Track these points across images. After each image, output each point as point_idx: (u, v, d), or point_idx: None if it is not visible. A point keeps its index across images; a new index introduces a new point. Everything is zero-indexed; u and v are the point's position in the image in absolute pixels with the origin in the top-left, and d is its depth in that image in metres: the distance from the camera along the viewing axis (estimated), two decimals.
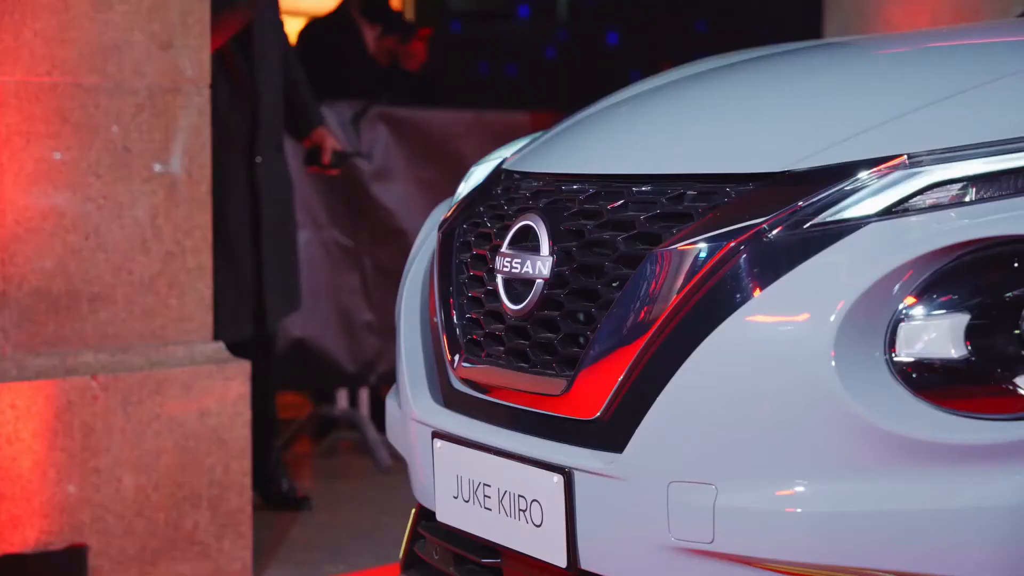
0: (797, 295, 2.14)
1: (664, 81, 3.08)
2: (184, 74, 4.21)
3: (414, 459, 2.77)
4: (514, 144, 3.10)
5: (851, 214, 2.17)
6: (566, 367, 2.39)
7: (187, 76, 4.22)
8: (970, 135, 2.20)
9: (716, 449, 2.17)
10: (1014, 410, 2.03)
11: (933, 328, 2.08)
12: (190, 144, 4.22)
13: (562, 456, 2.35)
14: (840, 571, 2.11)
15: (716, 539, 2.15)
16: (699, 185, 2.34)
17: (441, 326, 2.72)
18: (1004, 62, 2.53)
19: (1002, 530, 2.02)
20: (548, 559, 2.37)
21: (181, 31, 4.20)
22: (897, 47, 3.06)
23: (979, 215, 2.10)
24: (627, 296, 2.29)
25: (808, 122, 2.44)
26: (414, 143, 6.60)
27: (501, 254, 2.53)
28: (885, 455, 2.07)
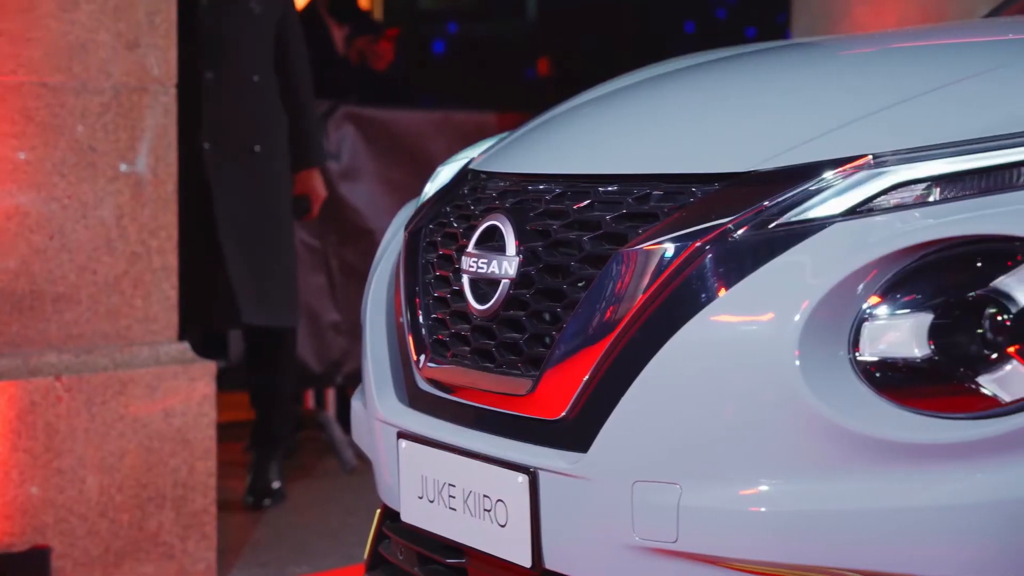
0: (762, 295, 2.14)
1: (631, 81, 3.08)
2: (150, 74, 4.20)
3: (379, 459, 2.76)
4: (481, 144, 3.10)
5: (816, 214, 2.17)
6: (531, 367, 2.39)
7: (153, 76, 4.21)
8: (935, 135, 2.20)
9: (681, 449, 2.17)
10: (977, 409, 2.03)
11: (897, 327, 2.08)
12: (156, 144, 4.21)
13: (527, 456, 2.35)
14: (804, 570, 2.12)
15: (680, 538, 2.15)
16: (665, 185, 2.34)
17: (407, 326, 2.71)
18: (969, 63, 2.53)
19: (965, 528, 2.03)
20: (512, 559, 2.37)
21: (147, 30, 4.18)
22: (863, 48, 3.06)
23: (943, 215, 2.11)
24: (593, 296, 2.29)
25: (774, 122, 2.44)
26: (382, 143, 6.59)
27: (467, 254, 2.53)
28: (849, 454, 2.08)
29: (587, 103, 2.99)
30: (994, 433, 2.02)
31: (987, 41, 2.92)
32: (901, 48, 2.96)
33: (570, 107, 3.03)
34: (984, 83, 2.35)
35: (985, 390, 2.04)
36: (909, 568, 2.06)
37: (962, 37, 3.06)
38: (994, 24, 3.37)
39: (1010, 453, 2.02)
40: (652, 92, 2.89)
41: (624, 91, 2.97)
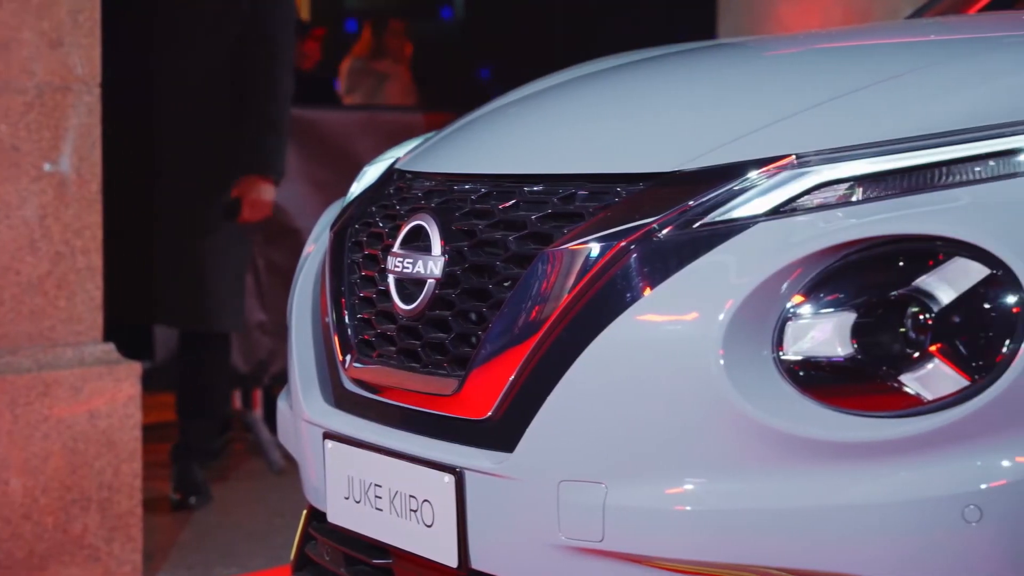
0: (686, 294, 2.15)
1: (557, 81, 3.08)
2: (74, 72, 4.17)
3: (305, 460, 2.75)
4: (407, 144, 3.10)
5: (740, 214, 2.18)
6: (457, 367, 2.39)
7: (77, 75, 4.17)
8: (857, 135, 2.22)
9: (606, 448, 2.18)
10: (899, 407, 2.05)
11: (820, 327, 2.10)
12: (80, 143, 4.18)
13: (453, 456, 2.35)
14: (730, 569, 2.13)
15: (606, 538, 2.16)
16: (590, 185, 2.35)
17: (333, 326, 2.71)
18: (892, 63, 2.55)
19: (889, 526, 2.04)
20: (439, 559, 2.37)
21: (71, 29, 4.15)
22: (788, 48, 3.08)
23: (865, 215, 2.12)
24: (518, 296, 2.29)
25: (699, 122, 2.45)
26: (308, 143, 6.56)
27: (393, 254, 2.52)
28: (773, 453, 2.09)
29: (513, 103, 3.00)
30: (917, 431, 2.03)
31: (910, 42, 2.95)
32: (825, 49, 2.98)
33: (496, 107, 3.03)
34: (906, 84, 2.37)
35: (908, 389, 2.06)
36: (834, 566, 2.08)
37: (886, 38, 3.09)
38: (917, 25, 3.40)
39: (933, 451, 2.04)
40: (578, 92, 2.89)
41: (550, 91, 2.97)
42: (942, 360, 2.04)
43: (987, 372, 2.01)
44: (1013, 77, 2.31)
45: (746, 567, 2.12)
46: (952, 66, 2.44)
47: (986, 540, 2.02)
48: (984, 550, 2.02)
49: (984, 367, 2.01)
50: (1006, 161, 2.15)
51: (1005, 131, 2.17)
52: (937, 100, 2.29)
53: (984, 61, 2.44)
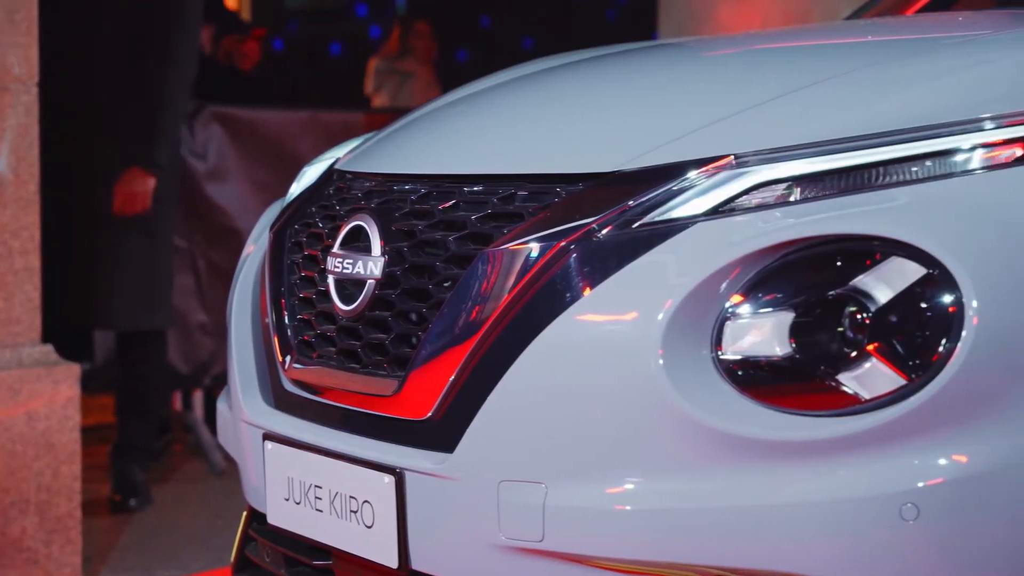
0: (626, 294, 2.15)
1: (497, 81, 3.08)
2: (11, 72, 4.14)
3: (245, 461, 2.74)
4: (347, 144, 3.09)
5: (679, 214, 2.19)
6: (397, 368, 2.38)
7: (14, 74, 4.14)
8: (796, 136, 2.23)
9: (546, 448, 2.18)
10: (837, 406, 2.06)
11: (759, 326, 2.11)
12: (17, 143, 4.14)
13: (393, 457, 2.34)
14: (670, 568, 2.13)
15: (546, 538, 2.16)
16: (530, 185, 2.35)
17: (272, 327, 2.70)
18: (830, 64, 2.57)
19: (827, 525, 2.05)
20: (379, 560, 2.36)
21: (8, 28, 4.12)
22: (727, 49, 3.09)
23: (803, 215, 2.13)
24: (458, 296, 2.29)
25: (639, 122, 2.46)
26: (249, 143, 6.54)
27: (332, 254, 2.52)
28: (712, 452, 2.09)
29: (454, 103, 3.00)
30: (855, 430, 2.05)
31: (848, 43, 2.96)
32: (765, 49, 3.00)
33: (437, 107, 3.03)
34: (845, 84, 2.38)
35: (846, 388, 2.07)
36: (773, 565, 2.08)
37: (824, 39, 3.10)
38: (855, 26, 3.42)
39: (871, 450, 2.05)
40: (519, 92, 2.89)
41: (491, 91, 2.98)
42: (879, 359, 2.05)
43: (924, 371, 2.02)
44: (950, 77, 2.33)
45: (686, 566, 2.12)
46: (890, 67, 2.45)
47: (923, 538, 2.03)
48: (922, 548, 2.04)
49: (921, 366, 2.03)
50: (943, 161, 2.16)
51: (942, 131, 2.18)
52: (875, 100, 2.30)
53: (921, 62, 2.45)
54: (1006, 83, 2.27)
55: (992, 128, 2.17)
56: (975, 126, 2.18)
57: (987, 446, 2.04)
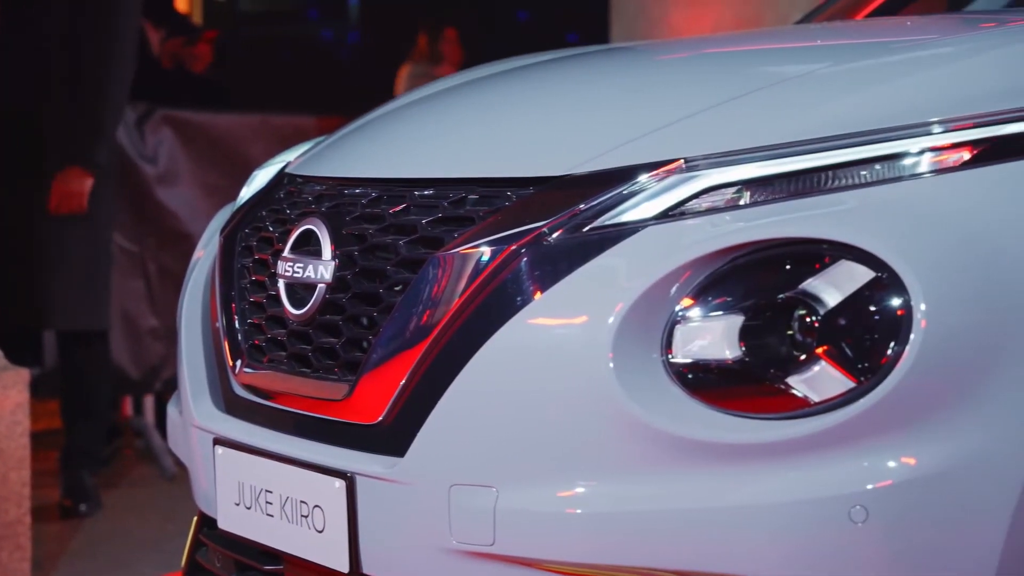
0: (576, 298, 2.16)
1: (448, 85, 3.08)
2: None
3: (195, 466, 2.73)
4: (298, 148, 3.08)
5: (629, 217, 2.19)
6: (348, 372, 2.38)
7: None
8: (746, 140, 2.23)
9: (497, 452, 2.18)
10: (787, 409, 2.06)
11: (709, 329, 2.11)
12: None
13: (344, 461, 2.34)
14: (621, 571, 2.14)
15: (497, 541, 2.16)
16: (481, 189, 2.35)
17: (223, 331, 2.69)
18: (781, 67, 2.58)
19: (777, 527, 2.06)
20: (330, 564, 2.36)
21: None
22: (678, 52, 3.10)
23: (753, 218, 2.14)
24: (409, 300, 2.29)
25: (589, 126, 2.46)
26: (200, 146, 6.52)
27: (283, 259, 2.51)
28: (663, 455, 2.10)
29: (405, 107, 2.99)
30: (804, 433, 2.05)
31: (799, 47, 2.98)
32: (716, 53, 3.00)
33: (388, 111, 3.03)
34: (795, 88, 2.39)
35: (795, 391, 2.07)
36: (723, 567, 2.09)
37: (775, 43, 3.11)
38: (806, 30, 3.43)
39: (820, 452, 2.05)
40: (469, 96, 2.89)
41: (442, 95, 2.97)
42: (828, 362, 2.06)
43: (873, 374, 2.03)
44: (899, 81, 2.34)
45: (636, 570, 2.12)
46: (840, 71, 2.46)
47: (872, 540, 2.04)
48: (870, 550, 2.05)
49: (870, 369, 2.04)
50: (892, 165, 2.17)
51: (891, 135, 2.19)
52: (824, 104, 2.31)
53: (871, 66, 2.47)
54: (954, 87, 2.28)
55: (940, 132, 2.19)
56: (924, 130, 2.19)
57: (936, 448, 2.05)
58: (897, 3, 3.83)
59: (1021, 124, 2.19)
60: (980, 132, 2.18)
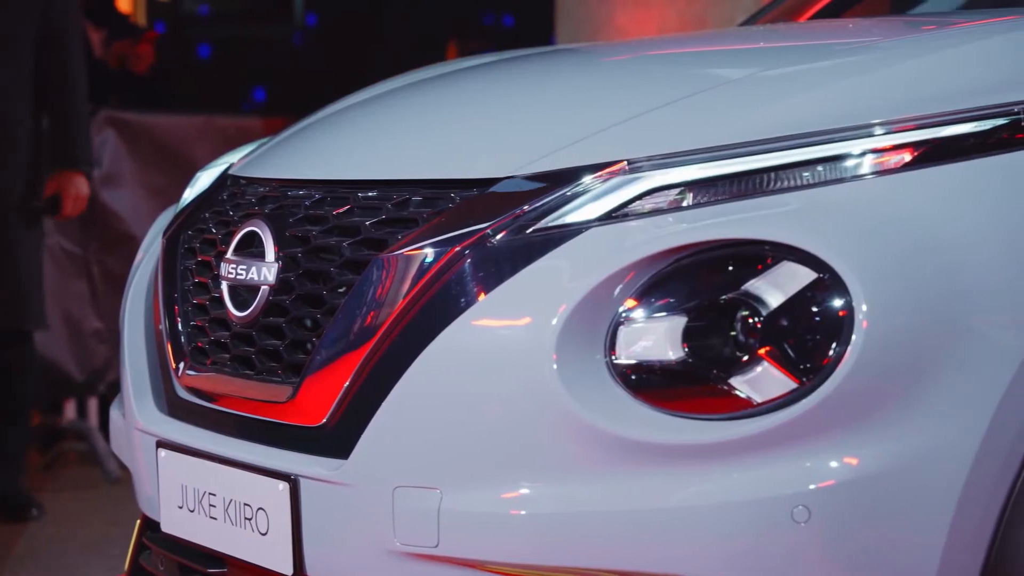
0: (520, 299, 2.16)
1: (393, 86, 3.08)
2: None
3: (138, 469, 2.72)
4: (242, 149, 3.08)
5: (573, 219, 2.19)
6: (292, 374, 2.37)
7: None
8: (689, 141, 2.24)
9: (441, 453, 2.18)
10: (729, 410, 2.07)
11: (652, 331, 2.11)
12: None
13: (288, 463, 2.33)
14: (565, 571, 2.14)
15: (441, 543, 2.16)
16: (424, 190, 2.35)
17: (166, 334, 2.68)
18: (724, 69, 2.59)
19: (720, 527, 2.07)
20: (274, 567, 2.35)
21: None
22: (622, 54, 3.11)
23: (696, 219, 2.15)
24: (352, 302, 2.28)
25: (533, 127, 2.46)
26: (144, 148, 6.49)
27: (226, 260, 2.50)
28: (606, 456, 2.10)
29: (349, 108, 2.99)
30: (747, 433, 2.06)
31: (742, 49, 2.99)
32: (660, 55, 3.01)
33: (332, 112, 3.03)
34: (738, 89, 2.40)
35: (738, 391, 2.08)
36: (667, 568, 2.09)
37: (719, 45, 3.13)
38: (749, 32, 3.45)
39: (763, 453, 2.06)
40: (414, 97, 2.89)
41: (386, 96, 2.97)
42: (771, 363, 2.06)
43: (815, 375, 2.04)
44: (841, 83, 2.35)
45: (580, 570, 2.13)
46: (784, 72, 2.47)
47: (815, 540, 2.05)
48: (813, 549, 2.06)
49: (812, 369, 2.05)
50: (834, 166, 2.18)
51: (833, 137, 2.20)
52: (768, 105, 2.32)
53: (813, 68, 2.48)
54: (896, 89, 2.29)
55: (882, 133, 2.20)
56: (866, 132, 2.20)
57: (878, 448, 2.06)
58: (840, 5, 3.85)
59: (963, 126, 2.21)
60: (922, 134, 2.20)
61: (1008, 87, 2.25)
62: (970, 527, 2.08)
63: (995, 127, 2.20)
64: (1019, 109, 2.20)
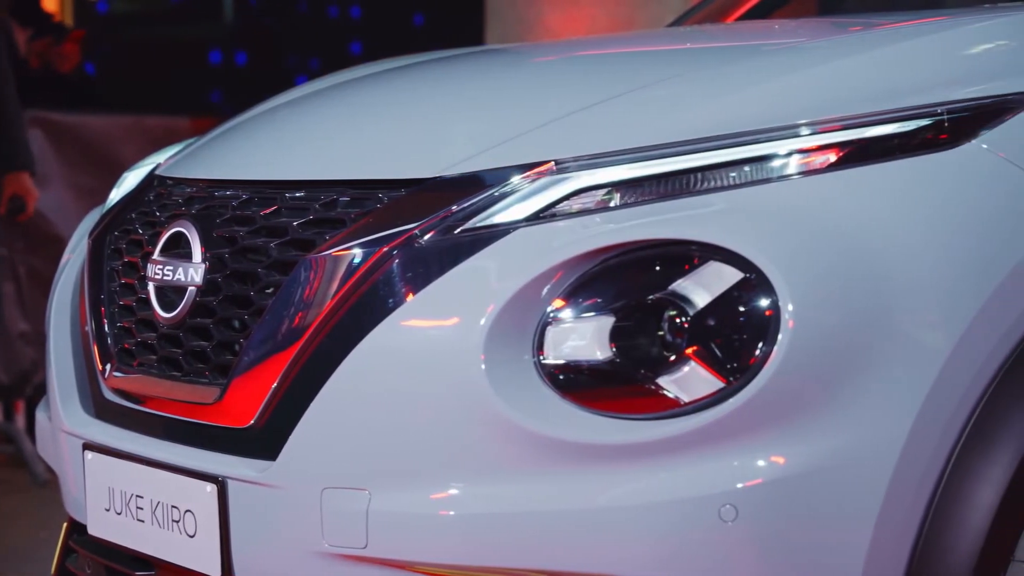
0: (448, 299, 2.16)
1: (321, 86, 3.08)
2: None
3: (65, 472, 2.70)
4: (169, 149, 3.06)
5: (501, 219, 2.19)
6: (219, 375, 2.36)
7: None
8: (616, 141, 2.24)
9: (370, 454, 2.17)
10: (657, 410, 2.08)
11: (580, 331, 2.12)
12: None
13: (215, 465, 2.32)
14: (494, 572, 2.14)
15: (370, 544, 2.15)
16: (352, 191, 2.34)
17: (92, 335, 2.66)
18: (652, 70, 2.59)
19: (648, 527, 2.07)
20: (202, 569, 2.34)
21: None
22: (551, 55, 3.11)
23: (623, 220, 2.15)
24: (280, 302, 2.27)
25: (461, 127, 2.47)
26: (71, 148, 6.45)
27: (152, 261, 2.49)
28: (535, 456, 2.10)
29: (277, 108, 2.98)
30: (675, 433, 2.07)
31: (670, 49, 3.00)
32: (588, 55, 3.02)
33: (260, 112, 3.02)
34: (666, 90, 2.41)
35: (665, 391, 2.09)
36: (595, 567, 2.10)
37: (647, 45, 3.14)
38: (677, 33, 3.46)
39: (690, 452, 2.07)
40: (342, 97, 2.89)
41: (314, 96, 2.96)
42: (698, 363, 2.07)
43: (742, 374, 2.05)
44: (768, 84, 2.36)
45: (510, 570, 2.13)
46: (709, 73, 2.48)
47: (742, 539, 2.06)
48: (740, 548, 2.06)
49: (739, 369, 2.05)
50: (760, 167, 2.19)
51: (760, 137, 2.21)
52: (695, 106, 2.33)
53: (740, 68, 2.49)
54: (822, 90, 2.31)
55: (808, 134, 2.21)
56: (791, 132, 2.21)
57: (804, 447, 2.07)
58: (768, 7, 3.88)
59: (888, 127, 2.23)
60: (847, 135, 2.21)
61: (932, 88, 2.27)
62: (896, 525, 2.10)
63: (920, 128, 2.22)
64: (943, 110, 2.22)
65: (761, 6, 3.84)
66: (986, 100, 2.25)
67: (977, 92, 2.26)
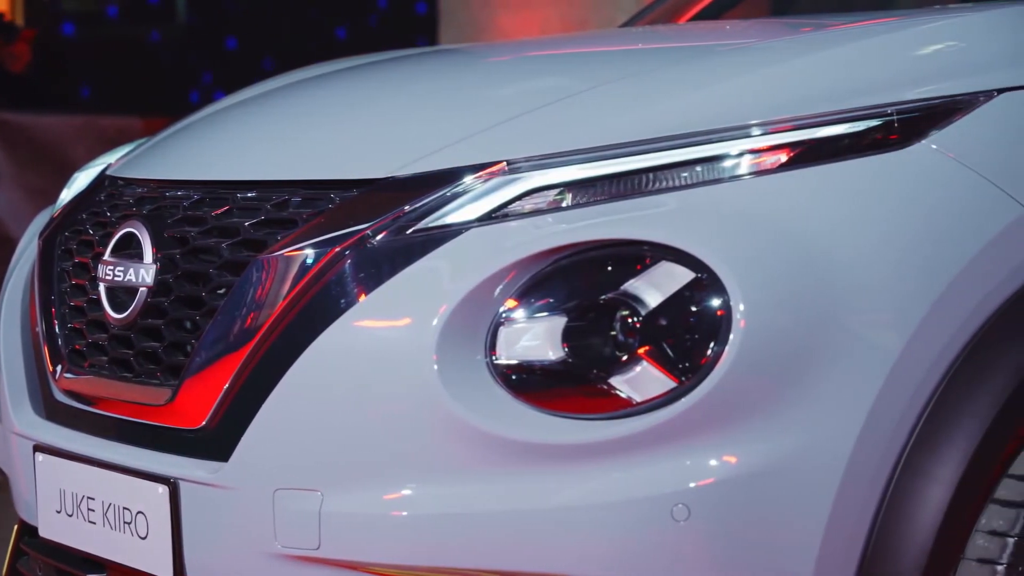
0: (400, 300, 2.16)
1: (274, 86, 3.07)
2: None
3: (16, 474, 2.69)
4: (120, 149, 3.05)
5: (453, 219, 2.19)
6: (171, 376, 2.36)
7: None
8: (568, 142, 2.25)
9: (322, 455, 2.17)
10: (610, 409, 2.08)
11: (532, 331, 2.12)
12: None
13: (167, 466, 2.31)
14: (447, 572, 2.14)
15: (323, 545, 2.15)
16: (304, 191, 2.34)
17: (42, 336, 2.65)
18: (605, 70, 2.60)
19: (601, 526, 2.07)
20: (154, 571, 2.33)
21: None
22: (504, 55, 3.12)
23: (575, 220, 2.15)
24: (232, 303, 2.27)
25: (413, 128, 2.46)
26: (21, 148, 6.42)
27: (103, 262, 2.48)
28: (488, 457, 2.10)
29: (229, 108, 2.97)
30: (627, 432, 2.07)
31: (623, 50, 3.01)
32: (540, 56, 3.02)
33: (212, 112, 3.01)
34: (617, 90, 2.41)
35: (618, 391, 2.09)
36: (548, 567, 2.10)
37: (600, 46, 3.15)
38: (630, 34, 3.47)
39: (643, 452, 2.07)
40: (294, 97, 2.88)
41: (266, 96, 2.96)
42: (650, 362, 2.07)
43: (693, 374, 2.05)
44: (719, 85, 2.37)
45: (463, 571, 2.13)
46: (662, 73, 2.49)
47: (694, 538, 2.06)
48: (693, 547, 2.07)
49: (691, 369, 2.06)
50: (711, 167, 2.20)
51: (712, 137, 2.22)
52: (647, 106, 2.33)
53: (693, 68, 2.50)
54: (773, 91, 2.31)
55: (759, 134, 2.22)
56: (743, 132, 2.22)
57: (756, 447, 2.08)
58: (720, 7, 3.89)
59: (838, 127, 2.23)
60: (798, 135, 2.22)
61: (883, 88, 2.27)
62: (847, 523, 2.10)
63: (870, 128, 2.23)
64: (892, 110, 2.23)
65: (713, 7, 3.85)
66: (935, 101, 2.26)
67: (927, 93, 2.27)
